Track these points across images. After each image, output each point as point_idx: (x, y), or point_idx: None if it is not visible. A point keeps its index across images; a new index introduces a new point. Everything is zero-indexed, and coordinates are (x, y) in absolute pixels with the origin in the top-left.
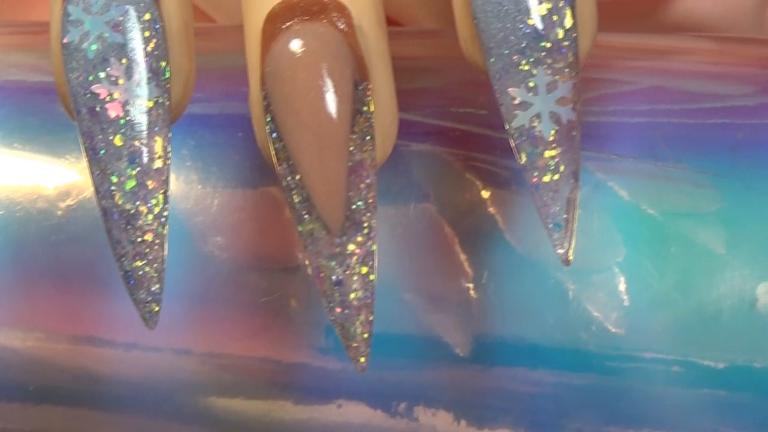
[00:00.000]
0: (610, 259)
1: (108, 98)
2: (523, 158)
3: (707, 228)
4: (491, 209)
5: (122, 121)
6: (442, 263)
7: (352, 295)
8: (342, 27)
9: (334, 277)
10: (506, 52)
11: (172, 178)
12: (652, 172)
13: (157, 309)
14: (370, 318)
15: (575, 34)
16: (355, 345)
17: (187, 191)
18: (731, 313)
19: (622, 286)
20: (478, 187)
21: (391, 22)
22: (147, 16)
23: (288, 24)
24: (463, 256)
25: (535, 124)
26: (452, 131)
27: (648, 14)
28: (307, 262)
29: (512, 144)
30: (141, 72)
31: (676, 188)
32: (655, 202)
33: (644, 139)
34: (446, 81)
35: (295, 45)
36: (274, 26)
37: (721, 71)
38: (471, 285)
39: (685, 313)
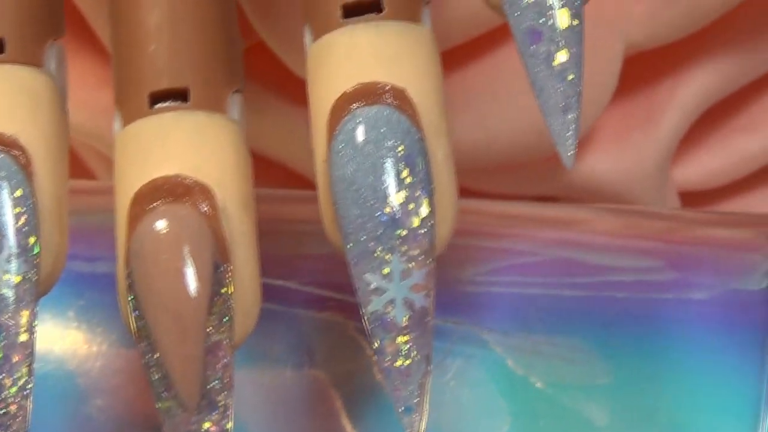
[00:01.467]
0: (483, 430)
1: None
2: (376, 343)
3: (580, 403)
4: (378, 375)
5: None
6: (325, 427)
7: None
8: (205, 209)
9: None
10: (363, 238)
11: (59, 338)
12: (524, 346)
13: None
14: None
15: (432, 222)
16: None
17: (72, 352)
18: None
19: None
20: (365, 352)
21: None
22: (18, 193)
23: (153, 205)
24: (346, 421)
25: (389, 309)
26: (336, 299)
27: (549, 177)
28: None
29: (366, 328)
30: (10, 247)
31: (548, 363)
32: (529, 374)
33: (519, 312)
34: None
35: (158, 226)
36: (140, 207)
37: (609, 243)
38: None
39: None
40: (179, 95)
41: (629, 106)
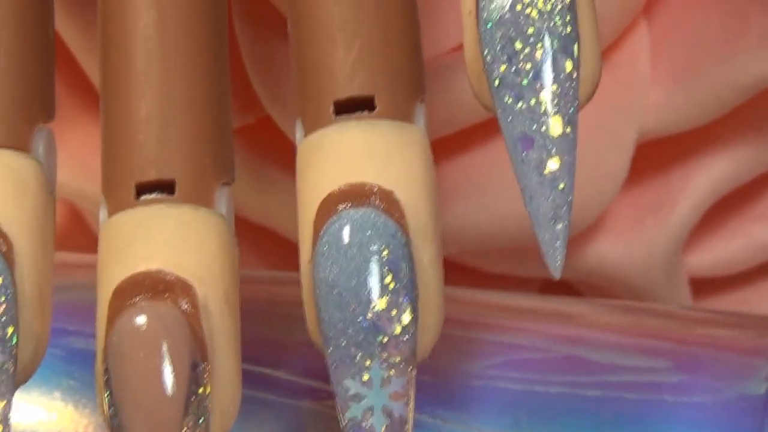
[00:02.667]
0: None
1: None
2: None
3: None
4: None
5: None
6: None
7: None
8: (185, 307)
9: None
10: (344, 343)
11: (44, 419)
12: None
13: None
14: None
15: (414, 330)
16: None
17: None
18: None
19: None
20: None
21: None
22: None
23: (133, 300)
24: None
25: (367, 417)
26: (327, 390)
27: None
28: None
29: None
30: None
31: None
32: None
33: (515, 410)
34: None
35: (137, 323)
36: (120, 301)
37: (613, 341)
38: None
39: None
40: (166, 187)
41: (641, 194)
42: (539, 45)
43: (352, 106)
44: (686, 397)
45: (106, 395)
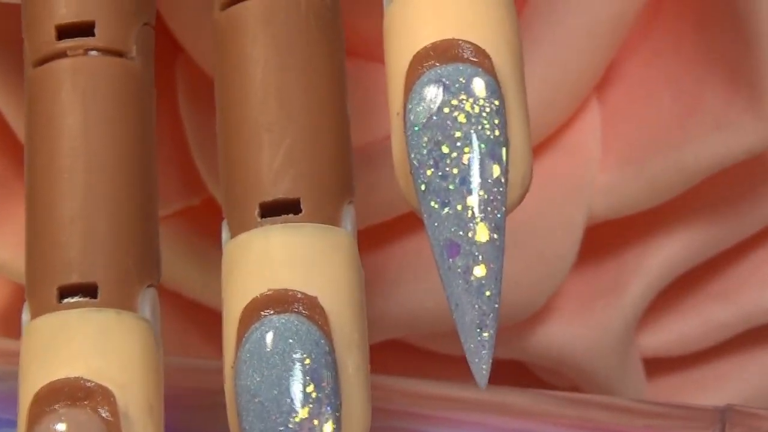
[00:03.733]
0: None
1: None
2: None
3: None
4: None
5: None
6: None
7: None
8: (105, 415)
9: None
10: None
11: None
12: None
13: None
14: None
15: None
16: None
17: None
18: None
19: None
20: None
21: None
22: None
23: (52, 407)
24: None
25: None
26: None
27: (508, 342)
28: None
29: None
30: None
31: None
32: None
33: None
34: None
35: (56, 430)
36: (40, 407)
37: None
38: None
39: None
40: (89, 290)
41: (593, 275)
42: (466, 149)
43: (278, 209)
44: None
45: None
